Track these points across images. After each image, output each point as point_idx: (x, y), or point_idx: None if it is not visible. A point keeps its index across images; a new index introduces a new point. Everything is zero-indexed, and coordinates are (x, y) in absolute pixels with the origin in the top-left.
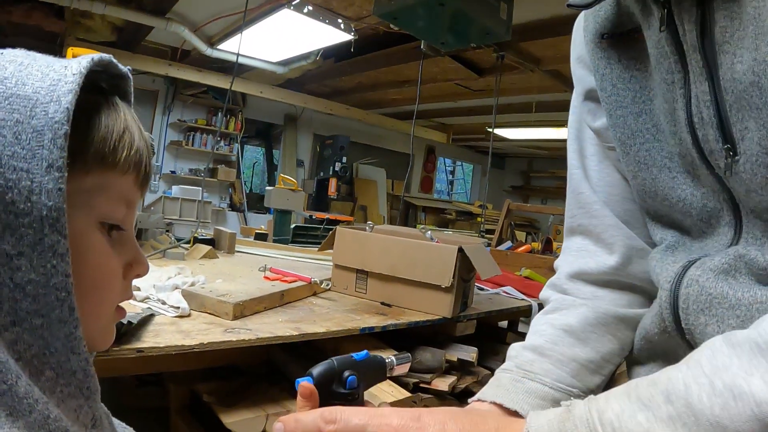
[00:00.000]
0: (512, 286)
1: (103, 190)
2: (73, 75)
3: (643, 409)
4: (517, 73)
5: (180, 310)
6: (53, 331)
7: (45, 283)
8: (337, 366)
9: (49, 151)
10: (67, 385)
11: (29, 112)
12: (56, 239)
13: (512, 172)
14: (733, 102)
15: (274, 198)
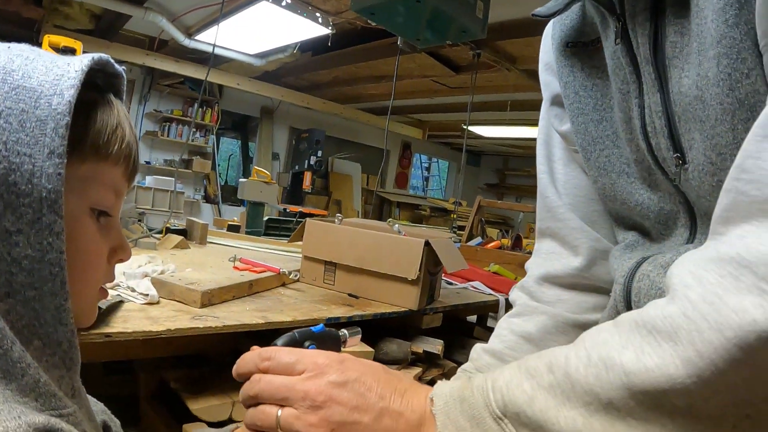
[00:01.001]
0: (480, 281)
1: (96, 179)
2: (75, 72)
3: (529, 378)
4: (494, 71)
5: (149, 298)
6: (44, 303)
7: (40, 259)
8: (298, 337)
9: (51, 139)
10: (52, 355)
11: (34, 102)
12: (53, 219)
13: (488, 169)
14: (681, 114)
15: (247, 190)
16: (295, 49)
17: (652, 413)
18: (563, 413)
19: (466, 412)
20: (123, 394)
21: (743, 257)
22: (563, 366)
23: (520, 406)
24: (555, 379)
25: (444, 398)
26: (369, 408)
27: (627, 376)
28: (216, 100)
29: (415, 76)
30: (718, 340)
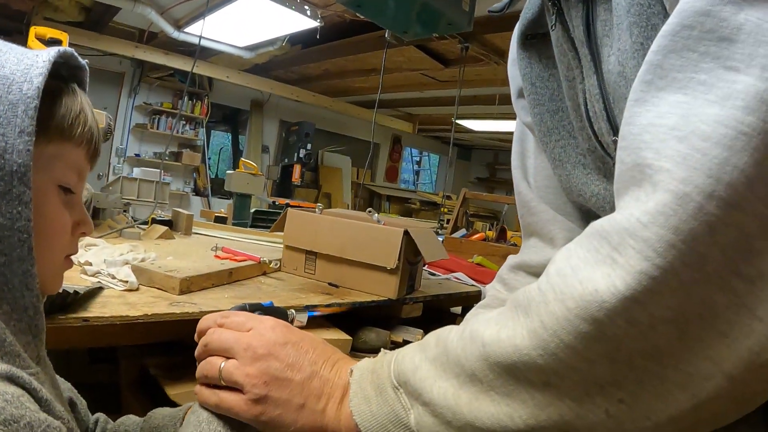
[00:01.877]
0: (463, 273)
1: (61, 158)
2: (43, 62)
3: (420, 351)
4: (482, 64)
5: (128, 284)
6: (13, 268)
7: (10, 226)
8: (249, 308)
9: (22, 119)
10: (19, 321)
11: (7, 88)
12: (22, 190)
13: (478, 163)
14: (612, 93)
15: (234, 181)
16: (285, 42)
17: (512, 387)
18: (438, 384)
19: (374, 382)
20: (107, 382)
21: (605, 229)
22: (445, 339)
23: (408, 376)
24: (437, 352)
25: (360, 370)
26: (302, 368)
27: (484, 347)
28: (206, 92)
29: (404, 69)
30: (560, 310)
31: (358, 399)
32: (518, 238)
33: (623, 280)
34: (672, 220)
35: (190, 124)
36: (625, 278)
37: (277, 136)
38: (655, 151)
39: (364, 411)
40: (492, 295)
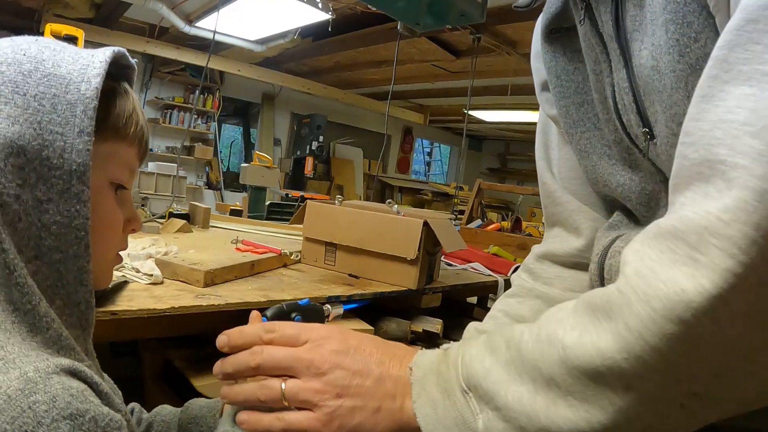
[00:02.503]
0: (480, 263)
1: (115, 157)
2: (100, 62)
3: (490, 354)
4: (494, 55)
5: (153, 278)
6: (68, 265)
7: (68, 224)
8: (286, 309)
9: (81, 119)
10: (70, 315)
11: (65, 88)
12: (81, 188)
13: (489, 154)
14: (643, 87)
15: (249, 175)
16: (296, 35)
17: (591, 393)
18: (512, 388)
19: (440, 385)
20: (129, 376)
21: (678, 228)
22: (517, 342)
23: (478, 380)
24: (510, 355)
25: (422, 370)
26: (370, 372)
27: (564, 351)
28: (217, 86)
29: (416, 60)
30: (645, 312)
31: (422, 401)
32: (533, 228)
33: (710, 279)
34: (753, 216)
35: (201, 118)
36: (712, 277)
37: (288, 128)
38: (729, 147)
39: (429, 414)
40: (518, 284)
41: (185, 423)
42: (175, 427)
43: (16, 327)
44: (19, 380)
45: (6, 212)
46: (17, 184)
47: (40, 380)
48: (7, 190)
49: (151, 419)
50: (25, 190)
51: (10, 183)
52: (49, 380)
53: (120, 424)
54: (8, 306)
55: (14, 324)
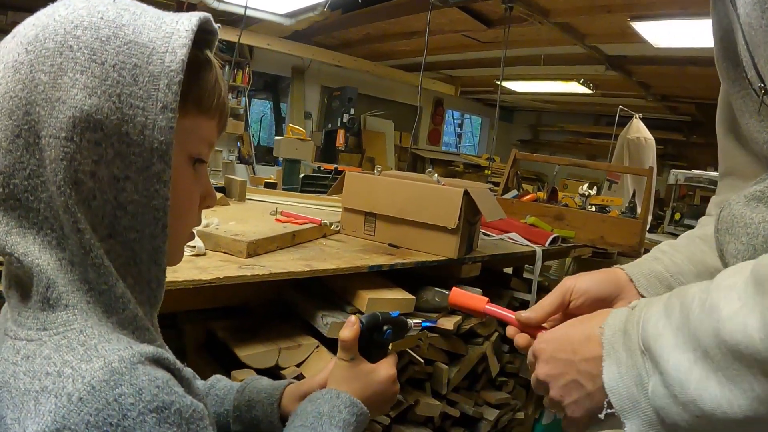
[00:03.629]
0: (517, 233)
1: (195, 131)
2: (186, 31)
3: (665, 317)
4: (526, 25)
5: (196, 250)
6: (143, 244)
7: (146, 204)
8: (380, 318)
9: (164, 94)
10: (141, 293)
11: (147, 58)
12: (162, 168)
13: (521, 125)
14: (749, 41)
15: (283, 147)
16: (325, 7)
17: (736, 372)
18: (675, 355)
19: (625, 344)
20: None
21: None
22: (688, 307)
23: (650, 342)
24: (680, 320)
25: (612, 329)
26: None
27: (718, 323)
28: (247, 61)
29: (447, 31)
30: None
31: (610, 360)
32: (569, 199)
33: None
34: None
35: (232, 93)
36: None
37: (319, 102)
38: None
39: (613, 372)
40: (699, 221)
41: (241, 403)
42: (230, 404)
43: (92, 307)
44: (104, 370)
45: (80, 190)
46: (93, 161)
47: (126, 371)
48: (82, 167)
49: (206, 392)
50: (101, 166)
51: (86, 159)
52: (134, 371)
53: (202, 413)
54: (83, 285)
55: (90, 304)
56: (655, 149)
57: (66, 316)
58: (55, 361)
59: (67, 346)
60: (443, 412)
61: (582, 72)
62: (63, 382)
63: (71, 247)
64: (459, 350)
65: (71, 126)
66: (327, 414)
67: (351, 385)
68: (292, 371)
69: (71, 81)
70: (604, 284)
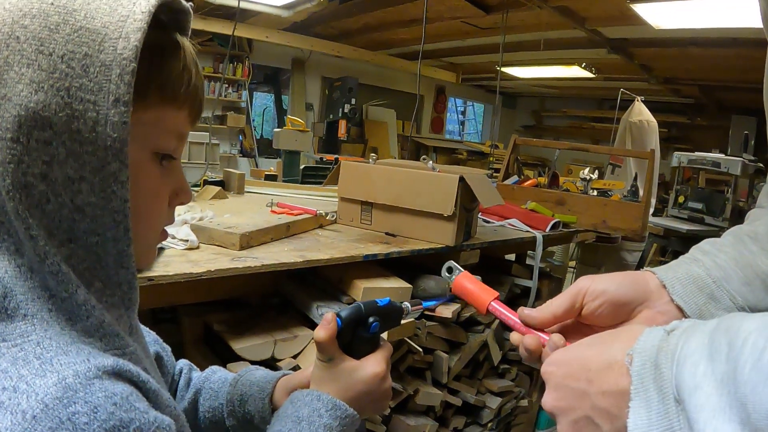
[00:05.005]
0: (517, 219)
1: (160, 124)
2: (141, 13)
3: (707, 359)
4: (525, 9)
5: (189, 243)
6: (107, 248)
7: (104, 206)
8: (364, 310)
9: (117, 86)
10: (111, 296)
11: (98, 46)
12: (118, 167)
13: (524, 111)
14: None
15: (282, 139)
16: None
17: None
18: (714, 423)
19: (657, 382)
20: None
21: None
22: (737, 355)
23: (684, 395)
24: (726, 371)
25: (642, 358)
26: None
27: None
28: (246, 54)
29: (446, 18)
30: None
31: (639, 400)
32: (570, 184)
33: None
34: None
35: (232, 87)
36: None
37: (320, 92)
38: None
39: (641, 417)
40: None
41: (233, 397)
42: (224, 397)
43: (53, 315)
44: (57, 387)
45: (30, 194)
46: (43, 161)
47: (80, 387)
48: (31, 169)
49: (200, 386)
50: (53, 167)
51: (35, 161)
52: (89, 387)
53: (168, 428)
54: (43, 293)
55: (51, 312)
56: (659, 132)
57: (24, 326)
58: (12, 375)
59: (24, 359)
60: (444, 401)
61: (583, 56)
62: (18, 398)
63: (28, 253)
64: (459, 338)
65: (17, 126)
66: (306, 419)
67: (332, 386)
68: (288, 363)
69: (17, 76)
70: (626, 286)
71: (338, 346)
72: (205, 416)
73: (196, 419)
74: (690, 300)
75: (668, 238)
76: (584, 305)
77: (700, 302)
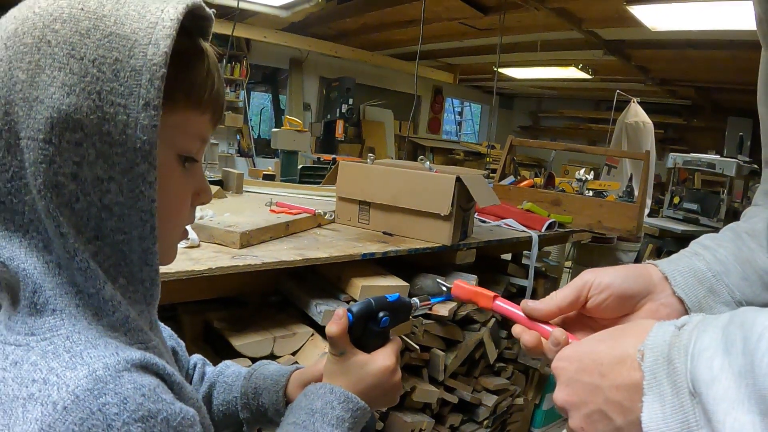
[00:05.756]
0: (513, 219)
1: (184, 127)
2: (170, 20)
3: (722, 354)
4: (522, 10)
5: (190, 241)
6: (132, 246)
7: (131, 205)
8: (374, 305)
9: (147, 90)
10: (134, 292)
11: (128, 51)
12: (146, 169)
13: (521, 112)
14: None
15: (280, 139)
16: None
17: None
18: (734, 414)
19: (671, 376)
20: None
21: None
22: (753, 348)
23: (702, 388)
24: (743, 365)
25: (654, 353)
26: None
27: None
28: (244, 54)
29: (443, 19)
30: None
31: (653, 394)
32: (566, 184)
33: None
34: None
35: (230, 87)
36: None
37: (317, 92)
38: None
39: (656, 411)
40: (745, 212)
41: (248, 390)
42: (238, 390)
43: (80, 311)
44: (88, 379)
45: (62, 193)
46: (74, 162)
47: (110, 379)
48: (62, 169)
49: (214, 379)
50: (83, 168)
51: (66, 161)
52: (119, 379)
53: (193, 419)
54: (71, 288)
55: (78, 307)
56: (655, 133)
57: (53, 321)
58: (42, 368)
59: (53, 352)
60: (441, 398)
61: (580, 57)
62: (49, 390)
63: (57, 250)
64: (456, 336)
65: (49, 127)
66: (319, 411)
67: (344, 379)
68: (287, 359)
69: (49, 79)
70: (631, 279)
71: (349, 341)
72: (219, 409)
73: (210, 412)
74: (690, 292)
75: (663, 238)
76: (589, 298)
77: (700, 295)
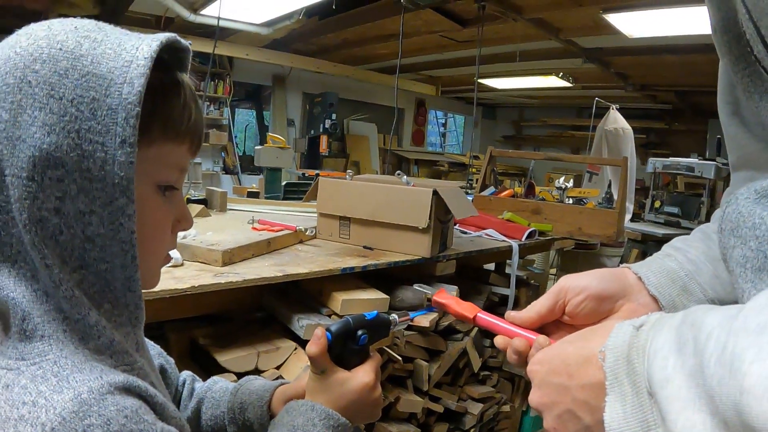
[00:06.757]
0: (494, 229)
1: (163, 158)
2: (144, 59)
3: (676, 353)
4: (500, 21)
5: (173, 261)
6: (115, 274)
7: (112, 237)
8: (352, 324)
9: (123, 128)
10: (119, 316)
11: (105, 90)
12: (125, 203)
13: (504, 122)
14: (751, 8)
15: (263, 156)
16: (301, 15)
17: None
18: (686, 414)
19: (630, 376)
20: None
21: None
22: (702, 349)
23: (656, 388)
24: (693, 365)
25: (615, 354)
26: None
27: (741, 395)
28: (227, 72)
29: (423, 32)
30: None
31: (614, 394)
32: (546, 193)
33: None
34: None
35: (214, 104)
36: None
37: (301, 108)
38: None
39: (617, 411)
40: (714, 215)
41: (234, 405)
42: (225, 406)
43: (68, 336)
44: (74, 402)
45: (45, 226)
46: (56, 197)
47: (95, 402)
48: (45, 204)
49: (203, 395)
50: (65, 202)
51: (49, 197)
52: (103, 402)
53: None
54: (58, 315)
55: (65, 333)
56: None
57: (42, 346)
58: (31, 391)
59: (42, 376)
60: (426, 407)
61: (560, 66)
62: (37, 412)
63: (44, 279)
64: (438, 347)
65: (32, 165)
66: (301, 427)
67: (325, 396)
68: (272, 374)
69: (30, 119)
70: (607, 281)
71: (329, 359)
72: (208, 424)
73: (199, 427)
74: (664, 291)
75: (646, 242)
76: (568, 302)
77: (674, 294)
